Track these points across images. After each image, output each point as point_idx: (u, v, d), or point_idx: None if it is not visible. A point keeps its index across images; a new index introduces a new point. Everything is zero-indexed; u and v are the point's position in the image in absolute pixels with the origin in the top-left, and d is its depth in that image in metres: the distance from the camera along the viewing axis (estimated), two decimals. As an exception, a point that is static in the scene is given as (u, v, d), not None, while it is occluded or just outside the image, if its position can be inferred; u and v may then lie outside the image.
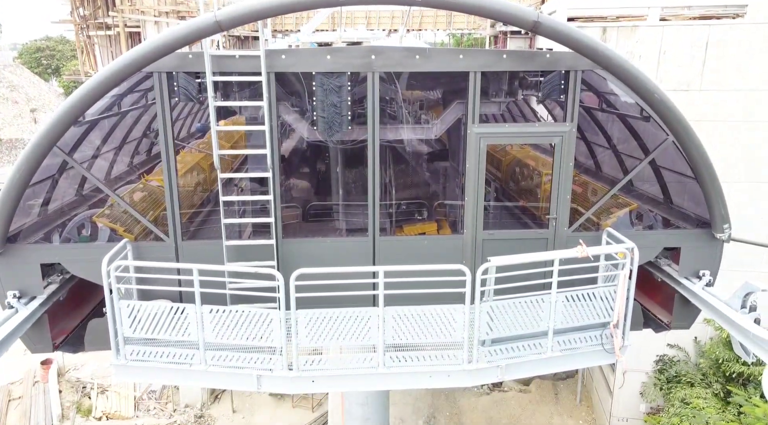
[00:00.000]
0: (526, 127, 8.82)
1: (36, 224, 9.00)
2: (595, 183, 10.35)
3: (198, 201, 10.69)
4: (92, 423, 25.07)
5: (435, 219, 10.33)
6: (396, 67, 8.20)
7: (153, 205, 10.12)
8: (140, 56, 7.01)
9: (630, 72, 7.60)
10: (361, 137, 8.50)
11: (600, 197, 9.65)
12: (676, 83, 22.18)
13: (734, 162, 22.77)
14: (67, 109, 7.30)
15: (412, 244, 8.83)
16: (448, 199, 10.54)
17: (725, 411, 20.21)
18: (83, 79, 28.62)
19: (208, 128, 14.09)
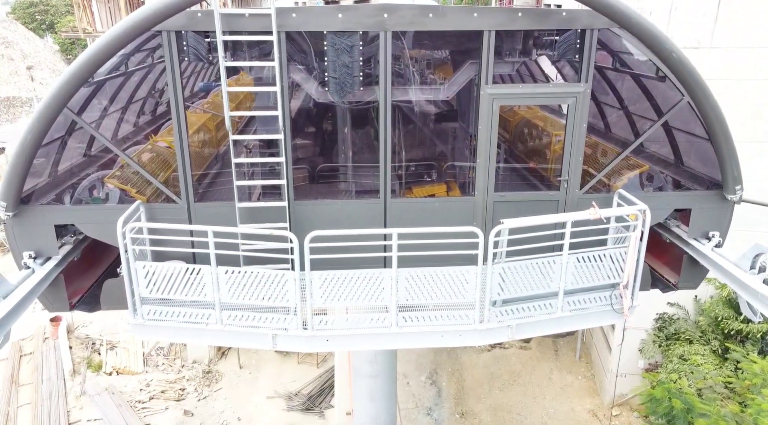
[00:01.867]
0: (540, 87, 8.74)
1: (47, 185, 9.01)
2: (606, 144, 10.30)
3: (206, 162, 10.68)
4: (103, 378, 25.63)
5: (444, 181, 10.32)
6: (409, 25, 8.06)
7: (162, 166, 10.11)
8: (150, 15, 6.89)
9: (649, 30, 7.47)
10: (372, 98, 8.42)
11: (611, 158, 9.64)
12: (686, 40, 21.83)
13: (743, 120, 22.60)
14: (77, 70, 7.21)
15: (423, 206, 8.86)
16: (458, 160, 10.51)
17: (722, 366, 20.64)
18: (81, 35, 28.17)
19: (211, 87, 13.97)
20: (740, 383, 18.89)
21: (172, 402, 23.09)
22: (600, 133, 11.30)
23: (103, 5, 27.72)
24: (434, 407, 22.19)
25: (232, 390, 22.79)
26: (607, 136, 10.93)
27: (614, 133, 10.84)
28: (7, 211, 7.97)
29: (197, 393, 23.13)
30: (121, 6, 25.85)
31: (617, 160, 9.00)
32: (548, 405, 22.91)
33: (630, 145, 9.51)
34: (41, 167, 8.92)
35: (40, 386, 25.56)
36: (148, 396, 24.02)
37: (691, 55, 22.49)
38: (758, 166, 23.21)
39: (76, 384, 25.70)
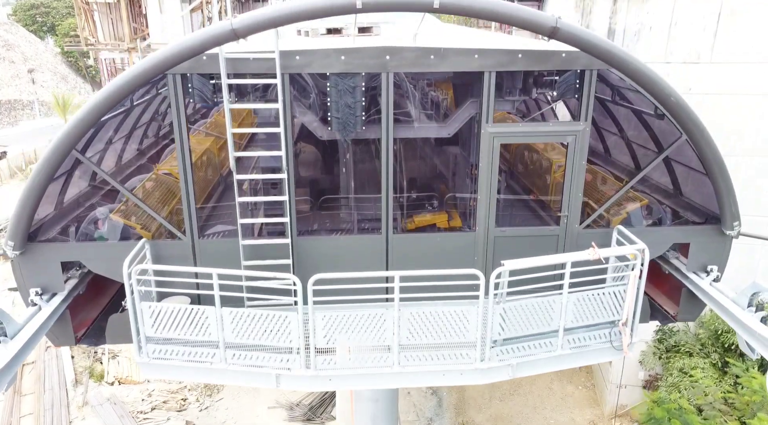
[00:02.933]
0: (540, 126, 8.84)
1: (53, 218, 9.12)
2: (606, 175, 10.40)
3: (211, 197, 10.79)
4: (105, 387, 25.76)
5: (445, 210, 10.43)
6: (411, 67, 8.16)
7: (167, 196, 10.22)
8: (157, 63, 6.99)
9: (648, 76, 7.59)
10: (375, 135, 8.53)
11: (611, 191, 9.74)
12: (687, 55, 21.93)
13: (742, 135, 22.71)
14: (86, 115, 7.33)
15: (424, 241, 8.97)
16: (458, 190, 10.61)
17: (722, 381, 20.74)
18: (84, 47, 28.28)
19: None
20: (740, 398, 18.99)
21: (174, 412, 23.23)
22: (600, 162, 11.41)
23: (106, 17, 27.86)
24: (435, 417, 22.34)
25: (234, 401, 22.92)
26: (606, 162, 11.04)
27: (613, 159, 10.95)
28: (15, 249, 8.09)
29: (199, 403, 23.28)
30: (123, 17, 25.96)
31: (617, 197, 9.10)
32: (549, 415, 23.04)
33: (629, 179, 9.62)
34: (46, 200, 9.02)
35: (42, 396, 25.70)
36: (150, 406, 24.15)
37: (691, 69, 22.64)
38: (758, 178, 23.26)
39: (78, 394, 25.84)
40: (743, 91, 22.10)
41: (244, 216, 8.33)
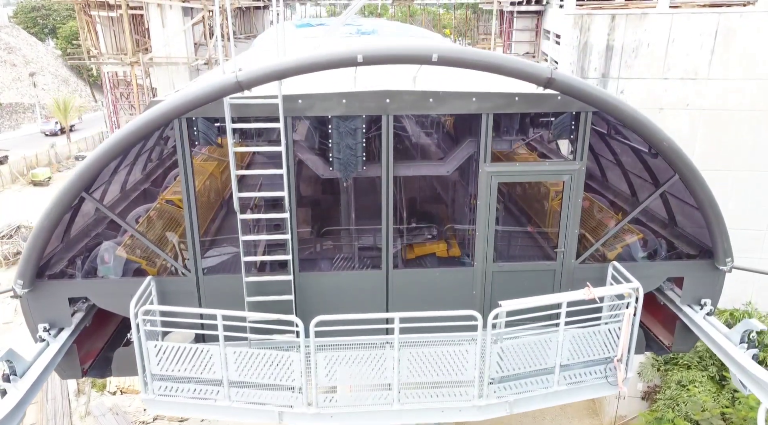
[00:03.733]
0: (536, 165, 9.04)
1: (60, 251, 9.30)
2: (602, 205, 10.59)
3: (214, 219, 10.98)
4: (107, 397, 25.99)
5: (444, 239, 10.62)
6: (410, 109, 8.36)
7: (172, 225, 10.41)
8: (165, 113, 7.20)
9: (641, 122, 7.78)
10: (375, 174, 8.72)
11: (607, 219, 9.94)
12: (684, 72, 22.13)
13: (738, 150, 22.91)
14: (95, 160, 7.55)
15: (424, 276, 9.16)
16: (457, 219, 10.81)
17: (720, 394, 20.93)
18: (87, 61, 28.50)
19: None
20: (737, 414, 19.19)
21: (175, 422, 23.43)
22: (597, 187, 11.59)
23: (108, 29, 28.05)
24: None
25: (236, 414, 23.05)
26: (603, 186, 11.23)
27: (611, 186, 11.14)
28: (24, 287, 8.28)
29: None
30: (126, 29, 26.15)
31: (612, 233, 9.29)
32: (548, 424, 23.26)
33: (624, 210, 9.81)
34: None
35: (45, 406, 25.90)
36: (152, 416, 24.36)
37: (688, 86, 22.78)
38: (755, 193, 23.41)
39: (80, 404, 26.06)
40: (740, 107, 22.29)
41: (247, 254, 8.52)
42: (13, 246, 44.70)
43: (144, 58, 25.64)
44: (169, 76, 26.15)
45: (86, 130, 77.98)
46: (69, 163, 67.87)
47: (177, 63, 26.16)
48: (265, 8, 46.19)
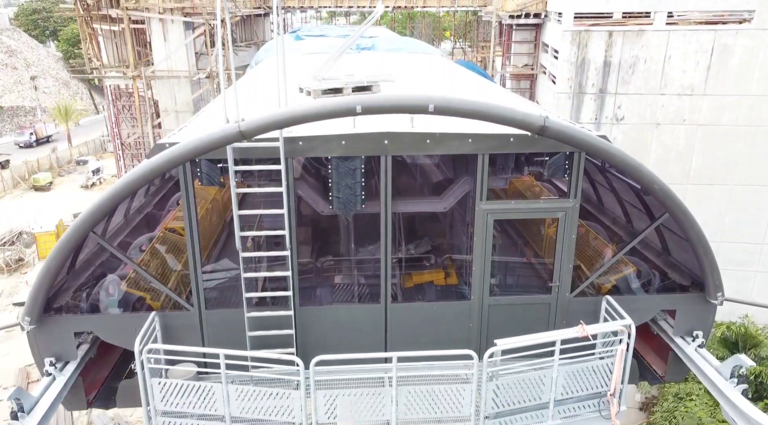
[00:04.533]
0: (531, 203, 9.25)
1: (65, 284, 9.50)
2: (596, 233, 10.78)
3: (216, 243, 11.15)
4: (109, 407, 26.11)
5: (442, 267, 10.83)
6: (408, 150, 8.58)
7: (175, 253, 10.60)
8: (171, 159, 7.43)
9: (632, 166, 7.99)
10: (374, 210, 8.92)
11: (602, 255, 10.14)
12: (681, 87, 22.36)
13: (734, 165, 23.13)
14: (103, 203, 7.82)
15: (421, 310, 9.37)
16: (455, 245, 11.01)
17: (716, 408, 21.13)
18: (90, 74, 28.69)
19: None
20: (732, 428, 19.41)
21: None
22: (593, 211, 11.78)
23: (110, 41, 28.25)
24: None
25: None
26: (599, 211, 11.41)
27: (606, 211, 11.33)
28: (31, 324, 8.49)
29: None
30: (128, 41, 26.34)
31: (605, 267, 9.50)
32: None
33: (618, 243, 10.00)
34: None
35: (48, 417, 25.97)
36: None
37: (685, 101, 22.92)
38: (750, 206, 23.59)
39: (83, 414, 26.27)
40: (736, 123, 22.49)
41: (249, 290, 8.73)
42: (15, 253, 44.88)
43: (146, 71, 25.84)
44: (171, 88, 26.36)
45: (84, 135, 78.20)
46: (70, 167, 68.13)
47: (178, 76, 26.37)
48: (266, 15, 46.36)
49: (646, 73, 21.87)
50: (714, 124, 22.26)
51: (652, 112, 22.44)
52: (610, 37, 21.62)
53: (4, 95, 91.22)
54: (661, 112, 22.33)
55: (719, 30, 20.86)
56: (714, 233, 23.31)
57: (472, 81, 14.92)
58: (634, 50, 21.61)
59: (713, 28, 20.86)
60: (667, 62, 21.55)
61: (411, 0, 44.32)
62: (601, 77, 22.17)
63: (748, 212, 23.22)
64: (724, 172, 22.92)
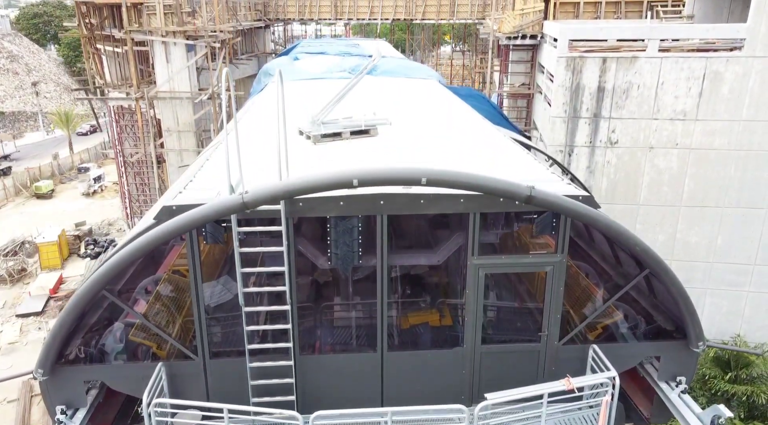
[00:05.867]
0: (521, 258, 9.67)
1: (74, 333, 9.90)
2: (585, 278, 11.18)
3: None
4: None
5: (437, 308, 11.25)
6: (403, 210, 9.00)
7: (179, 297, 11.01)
8: (178, 227, 7.89)
9: (614, 229, 8.42)
10: (371, 263, 9.35)
11: (590, 298, 10.55)
12: (673, 112, 22.78)
13: (726, 188, 23.54)
14: (114, 265, 8.28)
15: (417, 358, 9.80)
16: (449, 289, 11.41)
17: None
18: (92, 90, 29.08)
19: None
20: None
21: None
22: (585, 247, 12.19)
23: (113, 60, 28.66)
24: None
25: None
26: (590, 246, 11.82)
27: (593, 257, 11.73)
28: (43, 375, 8.92)
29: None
30: (131, 63, 26.76)
31: (592, 317, 9.92)
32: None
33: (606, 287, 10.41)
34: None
35: (51, 430, 26.46)
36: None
37: (677, 126, 23.33)
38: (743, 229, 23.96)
39: None
40: (728, 147, 22.91)
41: (251, 342, 9.16)
42: (18, 263, 45.27)
43: (148, 92, 26.26)
44: (173, 109, 26.78)
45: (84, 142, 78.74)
46: (71, 174, 68.57)
47: (181, 97, 26.79)
48: (266, 27, 46.82)
49: (639, 98, 22.29)
50: (706, 148, 22.69)
51: (646, 136, 22.87)
52: (604, 64, 22.03)
53: (6, 100, 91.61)
54: (654, 136, 22.76)
55: (710, 57, 21.28)
56: (707, 254, 23.78)
57: (469, 122, 15.31)
58: (627, 76, 22.02)
59: (705, 55, 21.28)
60: (660, 88, 21.98)
61: (410, 12, 44.85)
62: (595, 102, 22.59)
63: (740, 234, 23.65)
64: (716, 194, 23.34)
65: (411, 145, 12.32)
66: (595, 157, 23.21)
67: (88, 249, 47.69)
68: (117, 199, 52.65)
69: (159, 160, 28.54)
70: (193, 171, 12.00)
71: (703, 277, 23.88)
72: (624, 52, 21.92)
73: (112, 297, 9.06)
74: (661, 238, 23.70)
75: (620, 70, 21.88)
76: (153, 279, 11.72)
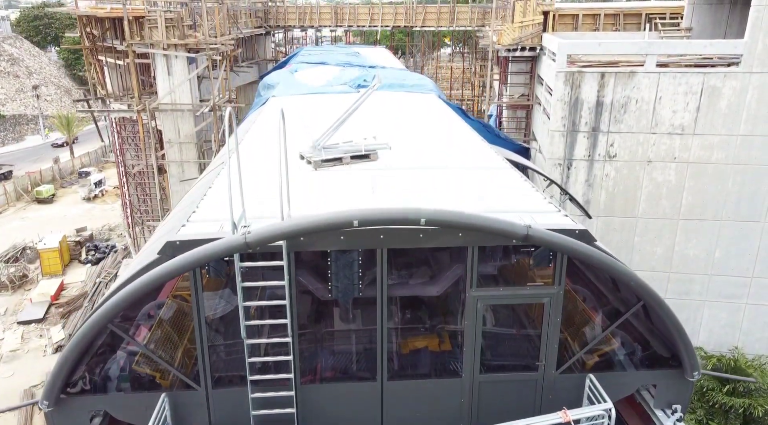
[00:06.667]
0: (519, 289, 9.83)
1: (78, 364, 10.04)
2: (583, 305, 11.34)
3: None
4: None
5: (436, 333, 11.39)
6: (402, 244, 9.15)
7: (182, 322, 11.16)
8: (183, 265, 8.06)
9: (609, 265, 8.60)
10: (371, 294, 9.50)
11: (587, 324, 10.70)
12: (671, 127, 22.92)
13: (723, 201, 23.70)
14: (121, 301, 8.42)
15: (416, 387, 9.96)
16: (449, 314, 11.56)
17: (705, 442, 21.75)
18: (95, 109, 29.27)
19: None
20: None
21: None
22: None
23: (115, 71, 28.81)
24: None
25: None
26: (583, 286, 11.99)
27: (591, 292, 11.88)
28: (49, 407, 9.08)
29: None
30: (133, 75, 26.91)
31: (589, 347, 10.08)
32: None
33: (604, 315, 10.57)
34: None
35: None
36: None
37: (675, 141, 23.45)
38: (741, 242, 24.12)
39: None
40: (725, 161, 23.05)
41: (253, 373, 9.32)
42: (19, 270, 45.46)
43: (150, 104, 26.42)
44: (174, 120, 26.94)
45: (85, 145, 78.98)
46: (72, 179, 68.79)
47: (182, 110, 26.95)
48: (267, 34, 46.96)
49: (637, 112, 22.45)
50: (704, 162, 22.84)
51: (644, 150, 23.02)
52: (602, 78, 22.18)
53: (7, 104, 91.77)
54: (652, 150, 22.92)
55: (708, 73, 21.44)
56: (705, 267, 23.94)
57: (468, 143, 15.47)
58: (625, 91, 22.18)
59: (702, 70, 21.43)
60: (658, 102, 22.14)
61: (410, 20, 45.00)
62: (593, 116, 22.75)
63: (738, 247, 23.79)
64: (714, 207, 23.50)
65: (411, 170, 12.46)
66: (594, 170, 23.37)
67: (89, 255, 47.90)
68: (118, 204, 52.86)
69: (160, 169, 28.71)
70: (195, 196, 12.14)
71: (701, 289, 24.03)
72: (622, 67, 22.08)
73: (118, 332, 9.22)
74: (659, 251, 23.86)
75: (618, 85, 22.03)
76: (155, 304, 11.88)
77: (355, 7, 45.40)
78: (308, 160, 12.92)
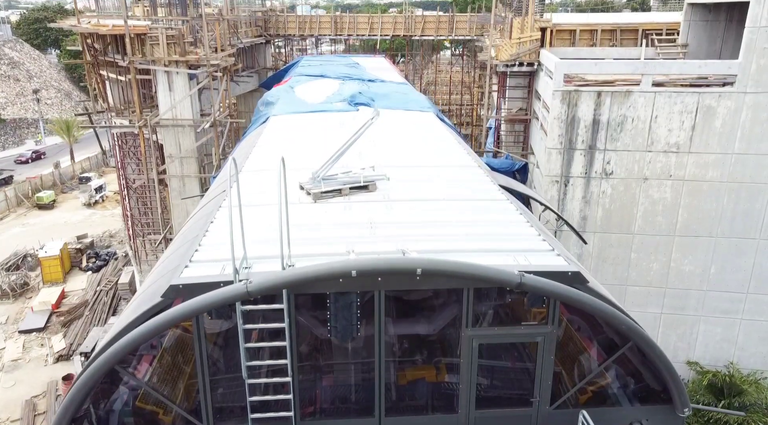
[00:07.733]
0: (513, 329, 10.08)
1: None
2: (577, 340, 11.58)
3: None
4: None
5: (434, 364, 11.63)
6: (400, 286, 9.40)
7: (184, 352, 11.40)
8: (185, 313, 8.31)
9: (600, 310, 8.84)
10: (369, 333, 9.75)
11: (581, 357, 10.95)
12: (667, 145, 23.18)
13: (718, 218, 23.96)
14: (126, 345, 8.64)
15: (413, 423, 10.20)
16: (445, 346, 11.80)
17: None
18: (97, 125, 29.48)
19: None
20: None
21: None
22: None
23: (116, 85, 29.03)
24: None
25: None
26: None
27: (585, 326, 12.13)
28: (56, 445, 9.33)
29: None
30: (134, 91, 27.14)
31: (581, 385, 10.33)
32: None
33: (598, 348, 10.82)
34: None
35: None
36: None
37: (671, 159, 23.70)
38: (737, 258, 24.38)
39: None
40: (720, 179, 23.30)
41: (254, 411, 9.56)
42: (20, 278, 45.66)
43: (151, 120, 26.65)
44: (176, 135, 27.17)
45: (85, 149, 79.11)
46: (72, 184, 68.95)
47: (183, 125, 27.18)
48: (267, 43, 47.18)
49: (633, 131, 22.70)
50: (699, 179, 23.09)
51: (640, 168, 23.28)
52: (598, 97, 22.43)
53: (7, 107, 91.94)
54: (648, 168, 23.17)
55: (703, 92, 21.69)
56: (701, 283, 24.19)
57: (464, 169, 15.71)
58: (622, 110, 22.43)
59: (697, 90, 21.68)
60: (654, 121, 22.38)
61: (409, 29, 45.23)
62: (590, 134, 22.99)
63: (733, 263, 24.05)
64: (710, 224, 23.74)
65: (408, 202, 12.66)
66: (591, 187, 23.61)
67: (89, 263, 48.11)
68: (118, 210, 53.06)
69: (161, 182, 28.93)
70: (196, 229, 12.33)
71: (696, 305, 24.28)
72: (618, 86, 22.32)
73: (124, 372, 9.47)
74: (655, 267, 24.11)
75: (615, 104, 22.28)
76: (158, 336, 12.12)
77: (354, 17, 45.63)
78: (308, 191, 13.18)
